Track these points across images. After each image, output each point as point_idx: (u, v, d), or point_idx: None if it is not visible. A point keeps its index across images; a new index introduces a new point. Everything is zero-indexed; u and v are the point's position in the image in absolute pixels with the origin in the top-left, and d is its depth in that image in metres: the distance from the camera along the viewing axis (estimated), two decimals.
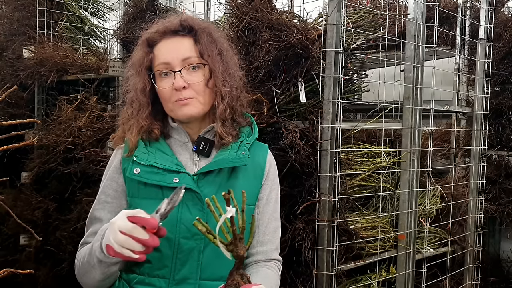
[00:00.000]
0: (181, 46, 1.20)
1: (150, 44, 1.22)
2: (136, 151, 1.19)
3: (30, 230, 2.04)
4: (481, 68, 2.83)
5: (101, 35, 3.78)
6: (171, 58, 1.19)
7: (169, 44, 1.21)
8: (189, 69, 1.19)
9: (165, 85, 1.19)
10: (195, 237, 1.15)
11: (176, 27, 1.21)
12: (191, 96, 1.18)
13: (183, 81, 1.17)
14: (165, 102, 1.21)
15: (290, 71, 2.07)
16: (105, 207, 1.21)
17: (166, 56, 1.19)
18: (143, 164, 1.17)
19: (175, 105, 1.19)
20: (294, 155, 1.98)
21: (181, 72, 1.18)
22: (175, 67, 1.18)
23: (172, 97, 1.19)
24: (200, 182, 1.18)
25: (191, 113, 1.20)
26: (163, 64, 1.19)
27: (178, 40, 1.21)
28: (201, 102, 1.20)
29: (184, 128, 1.25)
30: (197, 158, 1.23)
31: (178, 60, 1.18)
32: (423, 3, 2.28)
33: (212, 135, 1.25)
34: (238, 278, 0.97)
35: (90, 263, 1.10)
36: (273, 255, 1.28)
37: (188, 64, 1.19)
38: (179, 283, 1.15)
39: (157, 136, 1.22)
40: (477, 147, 2.82)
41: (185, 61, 1.19)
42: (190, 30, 1.22)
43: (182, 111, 1.19)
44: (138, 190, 1.18)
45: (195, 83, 1.19)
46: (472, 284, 2.80)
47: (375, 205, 2.41)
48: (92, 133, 2.76)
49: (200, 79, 1.19)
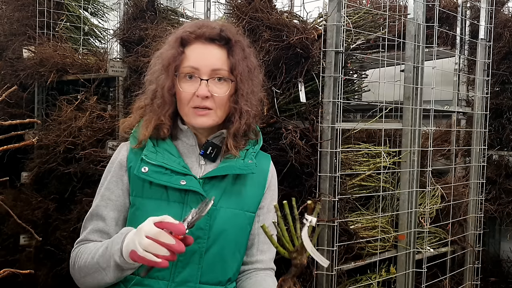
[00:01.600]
0: (214, 56, 1.19)
1: (184, 43, 1.20)
2: (145, 150, 1.18)
3: (30, 230, 2.04)
4: (481, 68, 2.83)
5: (101, 35, 3.78)
6: (202, 64, 1.17)
7: (203, 50, 1.19)
8: (216, 80, 1.18)
9: (188, 88, 1.18)
10: (198, 240, 1.14)
11: (214, 35, 1.19)
12: (210, 107, 1.18)
13: (208, 90, 1.16)
14: (182, 105, 1.20)
15: (290, 71, 2.07)
16: (108, 204, 1.20)
17: (197, 61, 1.18)
18: (152, 163, 1.16)
19: (192, 112, 1.18)
20: (294, 155, 1.98)
21: (208, 81, 1.17)
22: (202, 75, 1.17)
23: (191, 102, 1.18)
24: (205, 186, 1.18)
25: (205, 125, 1.19)
26: (191, 68, 1.18)
27: (213, 49, 1.19)
28: (218, 115, 1.20)
29: (192, 131, 1.24)
30: (203, 162, 1.23)
31: (208, 68, 1.17)
32: (423, 3, 2.28)
33: (220, 140, 1.24)
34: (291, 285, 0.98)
35: (101, 265, 1.08)
36: (271, 265, 1.29)
37: (216, 75, 1.18)
38: (179, 286, 1.14)
39: (165, 135, 1.22)
40: (477, 147, 2.82)
41: (214, 72, 1.18)
42: (227, 41, 1.20)
43: (197, 121, 1.19)
44: (143, 189, 1.18)
45: (218, 95, 1.18)
46: (472, 284, 2.80)
47: (375, 205, 2.41)
48: (92, 133, 2.76)
49: (224, 93, 1.18)
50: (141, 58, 2.59)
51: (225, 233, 1.18)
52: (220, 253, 1.17)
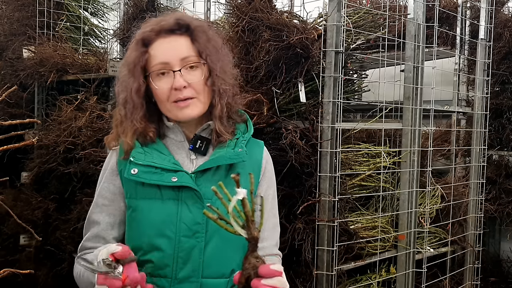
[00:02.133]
0: (179, 45, 1.19)
1: (145, 43, 1.20)
2: (133, 152, 1.18)
3: (30, 230, 2.04)
4: (481, 68, 2.83)
5: (101, 35, 3.78)
6: (170, 57, 1.17)
7: (167, 44, 1.19)
8: (188, 68, 1.18)
9: (163, 85, 1.17)
10: (196, 235, 1.14)
11: (172, 26, 1.19)
12: (192, 96, 1.17)
13: (183, 80, 1.16)
14: (162, 103, 1.19)
15: (290, 71, 2.07)
16: (102, 210, 1.20)
17: (164, 56, 1.18)
18: (140, 164, 1.16)
19: (174, 106, 1.18)
20: (294, 155, 1.98)
21: (180, 71, 1.17)
22: (174, 67, 1.17)
23: (170, 97, 1.17)
24: (198, 180, 1.17)
25: (192, 115, 1.19)
26: (161, 64, 1.18)
27: (175, 39, 1.19)
28: (202, 102, 1.19)
29: (180, 127, 1.24)
30: (194, 156, 1.22)
31: (177, 59, 1.17)
32: (423, 3, 2.28)
33: (208, 133, 1.24)
34: (254, 261, 0.97)
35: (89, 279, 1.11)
36: (273, 251, 1.27)
37: (187, 63, 1.18)
38: (182, 282, 1.14)
39: (153, 139, 1.21)
40: (477, 147, 2.82)
41: (184, 60, 1.17)
42: (186, 28, 1.20)
43: (183, 113, 1.18)
44: (136, 191, 1.17)
45: (195, 82, 1.17)
46: (472, 284, 2.80)
47: (375, 205, 2.41)
48: (92, 133, 2.76)
49: (199, 78, 1.18)
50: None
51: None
52: (220, 246, 1.17)
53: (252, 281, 0.96)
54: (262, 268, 0.95)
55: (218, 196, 0.96)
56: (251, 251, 0.98)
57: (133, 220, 1.18)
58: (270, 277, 0.95)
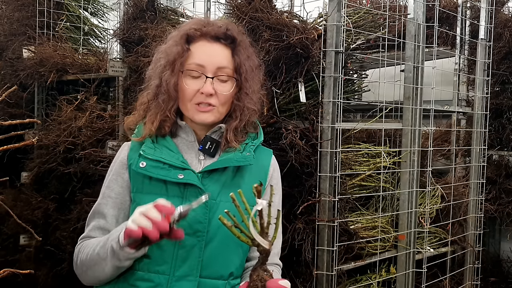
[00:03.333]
0: (219, 54, 1.21)
1: (189, 40, 1.22)
2: (143, 146, 1.20)
3: (30, 230, 2.04)
4: (481, 68, 2.83)
5: (101, 35, 3.78)
6: (207, 62, 1.19)
7: (209, 48, 1.21)
8: (220, 78, 1.20)
9: (192, 85, 1.20)
10: (197, 234, 1.15)
11: (220, 34, 1.22)
12: (214, 104, 1.20)
13: (212, 88, 1.18)
14: (185, 100, 1.22)
15: (290, 71, 2.07)
16: (108, 202, 1.22)
17: (202, 59, 1.20)
18: (149, 158, 1.18)
19: (194, 108, 1.20)
20: (294, 155, 1.98)
21: (212, 79, 1.19)
22: (208, 72, 1.19)
23: (194, 99, 1.20)
24: (204, 180, 1.19)
25: (207, 121, 1.21)
26: (197, 65, 1.20)
27: (218, 47, 1.22)
28: (220, 112, 1.22)
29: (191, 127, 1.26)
30: (203, 157, 1.24)
31: (213, 66, 1.19)
32: (423, 3, 2.28)
33: (218, 135, 1.26)
34: (262, 274, 0.97)
35: (101, 256, 1.10)
36: (274, 260, 1.29)
37: (221, 74, 1.20)
38: (179, 280, 1.15)
39: (166, 132, 1.23)
40: (477, 147, 2.82)
41: (220, 70, 1.20)
42: (232, 41, 1.23)
43: (200, 117, 1.21)
44: (143, 184, 1.19)
45: (222, 93, 1.20)
46: (472, 284, 2.80)
47: (375, 205, 2.41)
48: (92, 133, 2.76)
49: (228, 91, 1.21)
50: (141, 58, 2.59)
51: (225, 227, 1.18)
52: (220, 247, 1.17)
53: None
54: (270, 283, 0.96)
55: (236, 204, 0.97)
56: (261, 263, 0.98)
57: None
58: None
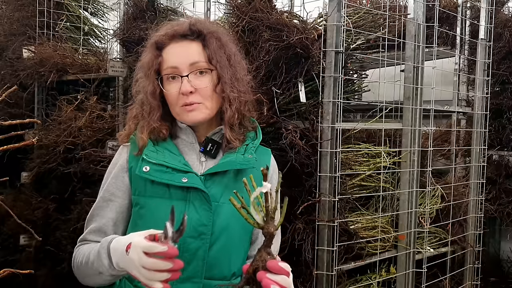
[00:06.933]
0: (189, 51, 1.21)
1: (159, 47, 1.23)
2: (146, 150, 1.20)
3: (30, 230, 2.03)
4: (481, 68, 2.83)
5: (101, 35, 3.77)
6: (179, 62, 1.19)
7: (178, 48, 1.21)
8: (197, 74, 1.20)
9: (172, 89, 1.20)
10: (201, 236, 1.16)
11: (185, 31, 1.22)
12: (198, 101, 1.19)
13: (190, 85, 1.18)
14: (172, 106, 1.22)
15: (290, 71, 2.07)
16: (108, 205, 1.22)
17: (174, 60, 1.20)
18: (152, 162, 1.18)
19: (182, 110, 1.20)
20: (294, 155, 1.98)
21: (188, 76, 1.18)
22: (182, 72, 1.19)
23: (179, 101, 1.20)
24: (207, 183, 1.19)
25: (197, 119, 1.21)
26: (170, 68, 1.20)
27: (187, 44, 1.22)
28: (208, 107, 1.21)
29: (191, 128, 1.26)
30: (204, 159, 1.24)
31: (186, 64, 1.19)
32: (423, 3, 2.28)
33: (219, 137, 1.26)
34: (265, 255, 0.98)
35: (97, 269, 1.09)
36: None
37: (196, 69, 1.20)
38: (184, 282, 1.15)
39: (165, 136, 1.24)
40: (477, 147, 2.82)
41: (193, 66, 1.19)
42: (199, 34, 1.22)
43: (188, 117, 1.20)
44: (145, 188, 1.19)
45: (202, 88, 1.19)
46: (472, 284, 2.80)
47: (375, 205, 2.41)
48: (92, 133, 2.76)
49: (207, 84, 1.20)
50: (141, 58, 2.58)
51: (229, 228, 1.19)
52: (224, 248, 1.18)
53: (258, 273, 0.97)
54: (270, 262, 0.96)
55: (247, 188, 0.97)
56: (265, 245, 0.99)
57: (139, 218, 1.20)
58: (276, 273, 0.95)
